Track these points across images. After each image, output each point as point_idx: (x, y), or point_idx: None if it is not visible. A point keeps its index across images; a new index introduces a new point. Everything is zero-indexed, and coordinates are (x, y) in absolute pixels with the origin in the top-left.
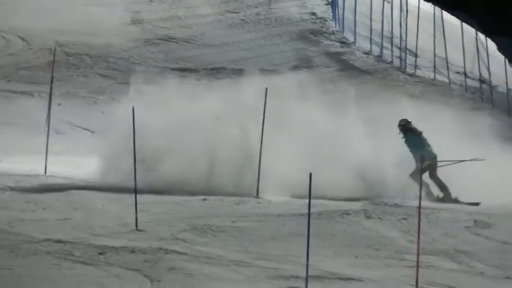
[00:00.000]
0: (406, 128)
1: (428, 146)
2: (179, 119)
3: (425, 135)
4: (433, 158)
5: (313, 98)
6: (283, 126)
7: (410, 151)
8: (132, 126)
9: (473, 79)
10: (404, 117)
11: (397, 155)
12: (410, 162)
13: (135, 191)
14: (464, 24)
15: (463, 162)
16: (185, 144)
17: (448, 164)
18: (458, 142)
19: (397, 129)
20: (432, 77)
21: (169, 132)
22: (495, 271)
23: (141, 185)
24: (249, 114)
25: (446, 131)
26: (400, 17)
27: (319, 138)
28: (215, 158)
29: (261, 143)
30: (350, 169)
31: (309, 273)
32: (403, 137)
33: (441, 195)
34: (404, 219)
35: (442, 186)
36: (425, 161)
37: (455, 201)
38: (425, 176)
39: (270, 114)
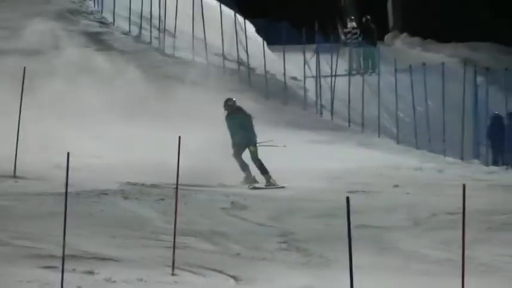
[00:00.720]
0: (233, 108)
1: (250, 128)
2: None
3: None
4: (249, 141)
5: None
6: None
7: (229, 131)
8: None
9: (231, 61)
10: (230, 97)
11: None
12: None
13: None
14: (224, 7)
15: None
16: None
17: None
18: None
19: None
20: (191, 58)
21: None
22: (251, 252)
23: None
24: None
25: (204, 113)
26: None
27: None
28: None
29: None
30: None
31: (66, 253)
32: (226, 117)
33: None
34: (162, 199)
35: (262, 169)
36: (235, 145)
37: (274, 184)
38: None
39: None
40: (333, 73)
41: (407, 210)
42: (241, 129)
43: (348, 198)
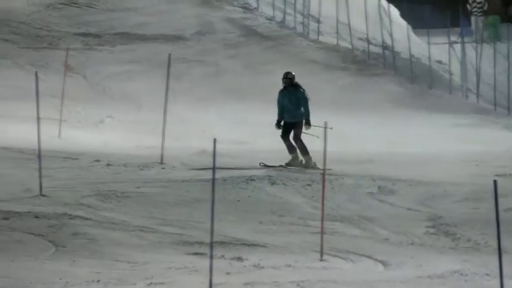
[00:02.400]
0: (291, 82)
1: (302, 106)
2: None
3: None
4: (295, 118)
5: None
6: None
7: (278, 106)
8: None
9: (376, 45)
10: (290, 71)
11: None
12: None
13: (39, 156)
14: None
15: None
16: None
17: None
18: (356, 108)
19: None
20: (335, 43)
21: None
22: (399, 237)
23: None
24: None
25: (345, 96)
26: None
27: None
28: None
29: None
30: None
31: (214, 239)
32: (280, 91)
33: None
34: (309, 185)
35: (302, 149)
36: (283, 120)
37: (313, 167)
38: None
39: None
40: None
41: None
42: (291, 105)
43: (495, 181)
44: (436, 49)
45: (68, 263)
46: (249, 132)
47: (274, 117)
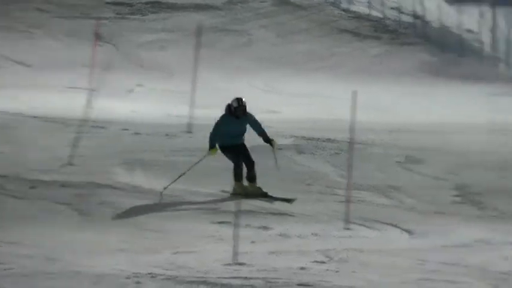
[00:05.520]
0: (245, 111)
1: (244, 132)
2: None
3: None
4: (240, 140)
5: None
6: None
7: (215, 130)
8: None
9: (407, 14)
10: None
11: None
12: None
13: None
14: None
15: None
16: None
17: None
18: (386, 78)
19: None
20: (367, 12)
21: None
22: (426, 206)
23: None
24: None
25: (376, 65)
26: None
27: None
28: None
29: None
30: None
31: (240, 208)
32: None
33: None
34: (337, 153)
35: (253, 177)
36: (224, 144)
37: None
38: None
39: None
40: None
41: None
42: (239, 132)
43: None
44: (467, 18)
45: (94, 231)
46: (280, 101)
47: (306, 87)
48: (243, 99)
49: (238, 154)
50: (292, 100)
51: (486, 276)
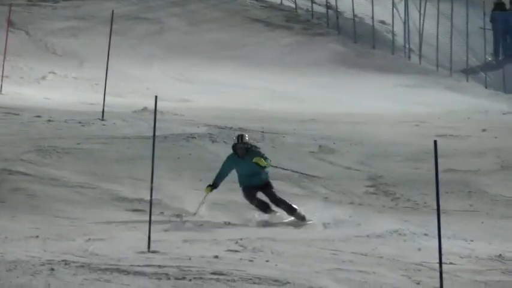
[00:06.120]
0: (246, 150)
1: (259, 171)
2: None
3: None
4: (262, 181)
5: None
6: None
7: (221, 170)
8: None
9: (319, 4)
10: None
11: None
12: None
13: None
14: None
15: None
16: None
17: None
18: (297, 68)
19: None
20: (279, 1)
21: None
22: (339, 196)
23: None
24: None
25: (288, 55)
26: None
27: None
28: None
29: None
30: None
31: (154, 196)
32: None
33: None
34: None
35: (288, 208)
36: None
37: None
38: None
39: None
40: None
41: (495, 154)
42: (251, 172)
43: (435, 142)
44: (380, 9)
45: (7, 218)
46: (192, 90)
47: (216, 75)
48: (245, 137)
49: (250, 193)
50: (204, 89)
51: (399, 266)
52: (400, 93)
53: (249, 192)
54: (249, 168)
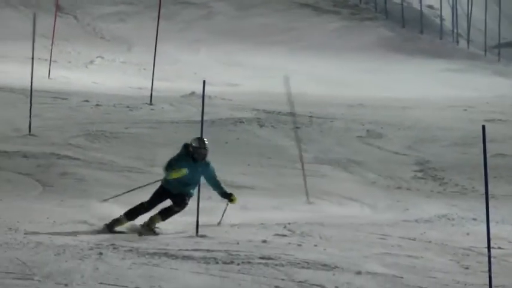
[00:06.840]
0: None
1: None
2: None
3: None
4: (183, 191)
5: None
6: None
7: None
8: None
9: None
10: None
11: None
12: None
13: (31, 95)
14: None
15: None
16: None
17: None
18: (345, 53)
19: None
20: None
21: None
22: (387, 181)
23: None
24: None
25: (336, 40)
26: None
27: None
28: None
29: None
30: None
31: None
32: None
33: None
34: (298, 127)
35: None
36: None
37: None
38: None
39: None
40: None
41: None
42: (193, 180)
43: (483, 126)
44: None
45: (55, 202)
46: (240, 74)
47: (264, 59)
48: (206, 141)
49: (160, 198)
50: (251, 73)
51: (447, 251)
52: (448, 78)
53: (162, 192)
54: (194, 176)
